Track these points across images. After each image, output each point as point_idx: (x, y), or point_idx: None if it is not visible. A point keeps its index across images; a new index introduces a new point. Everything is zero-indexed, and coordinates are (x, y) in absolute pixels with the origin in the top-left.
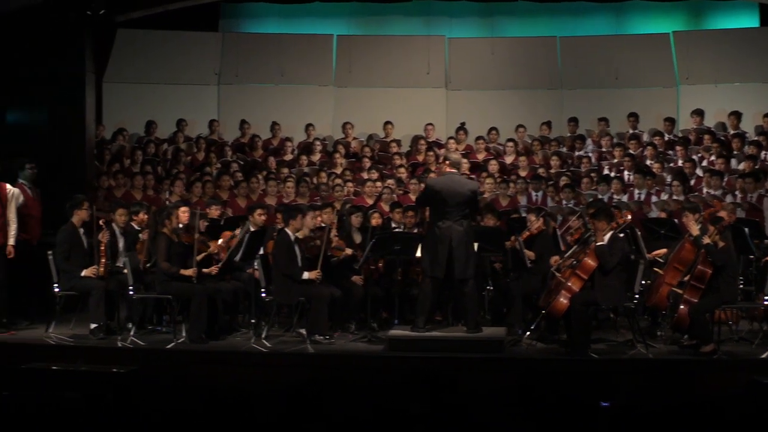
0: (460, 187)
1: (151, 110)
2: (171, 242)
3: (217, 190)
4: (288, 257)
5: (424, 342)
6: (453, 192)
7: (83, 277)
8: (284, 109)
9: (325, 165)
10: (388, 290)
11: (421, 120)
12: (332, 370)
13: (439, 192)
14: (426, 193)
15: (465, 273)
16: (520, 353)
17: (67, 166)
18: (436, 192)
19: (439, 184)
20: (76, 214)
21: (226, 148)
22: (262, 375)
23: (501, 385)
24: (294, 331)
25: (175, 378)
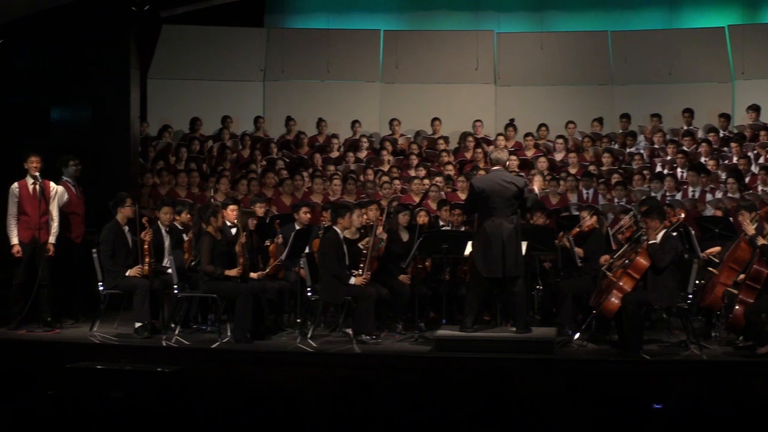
0: (506, 183)
1: (196, 107)
2: (215, 242)
3: (262, 187)
4: (336, 257)
5: (472, 342)
6: (498, 189)
7: (128, 276)
8: (330, 106)
9: (371, 162)
10: (436, 290)
11: (469, 116)
12: (379, 370)
13: (483, 191)
14: (471, 194)
15: (515, 270)
16: (571, 354)
17: (111, 164)
18: (481, 191)
19: (482, 183)
20: (120, 212)
21: (271, 145)
22: (308, 375)
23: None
24: (340, 330)
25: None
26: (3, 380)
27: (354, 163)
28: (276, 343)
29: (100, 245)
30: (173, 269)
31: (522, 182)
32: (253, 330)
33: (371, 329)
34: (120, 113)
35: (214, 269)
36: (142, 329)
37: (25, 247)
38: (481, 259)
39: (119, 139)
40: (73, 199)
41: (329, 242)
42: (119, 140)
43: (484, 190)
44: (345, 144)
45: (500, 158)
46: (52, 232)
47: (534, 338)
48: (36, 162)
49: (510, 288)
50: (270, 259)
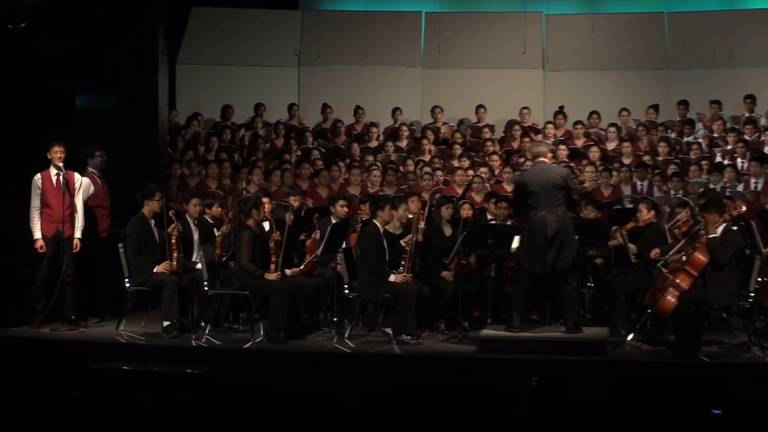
0: (548, 175)
1: (227, 94)
2: (255, 237)
3: (296, 179)
4: (375, 252)
5: (519, 343)
6: (540, 181)
7: (155, 272)
8: (369, 92)
9: (412, 152)
10: (481, 287)
11: (516, 103)
12: (420, 372)
13: (525, 185)
14: (516, 191)
15: (560, 266)
16: (624, 356)
17: (138, 154)
18: (523, 185)
19: (524, 177)
20: (147, 205)
21: (306, 134)
22: (345, 377)
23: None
24: (379, 330)
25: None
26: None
27: (394, 153)
28: (311, 344)
29: (126, 240)
30: (203, 265)
31: (566, 173)
32: (287, 329)
33: (412, 329)
34: (147, 101)
35: (255, 268)
36: (170, 328)
37: (48, 242)
38: (524, 255)
39: (146, 127)
40: (99, 191)
41: (368, 237)
42: (146, 129)
43: (527, 184)
44: (384, 133)
45: (540, 151)
46: (77, 226)
47: (585, 339)
48: (60, 152)
49: (559, 285)
50: (305, 254)
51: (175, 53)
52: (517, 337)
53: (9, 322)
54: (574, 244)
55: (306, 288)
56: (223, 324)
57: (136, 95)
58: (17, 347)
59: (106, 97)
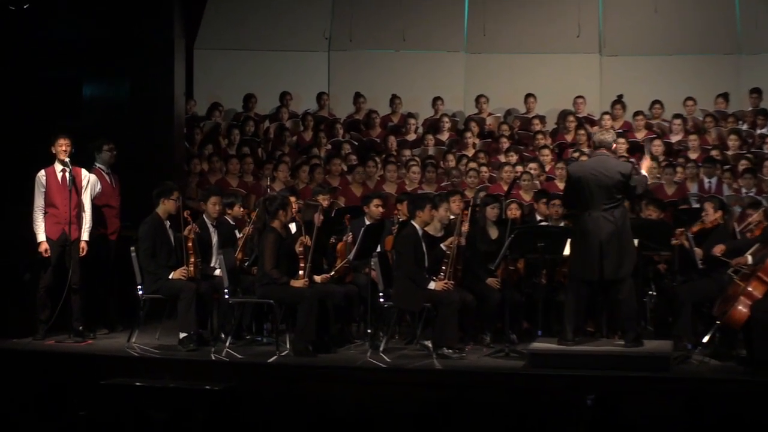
0: (607, 170)
1: (249, 82)
2: (281, 240)
3: (326, 176)
4: (414, 257)
5: (572, 357)
6: (597, 177)
7: (171, 279)
8: (406, 80)
9: (454, 146)
10: (530, 295)
11: (569, 92)
12: (463, 389)
13: (579, 179)
14: (567, 184)
15: (617, 272)
16: (690, 372)
17: (151, 148)
18: (577, 179)
19: (580, 169)
20: (163, 204)
21: (337, 126)
22: (380, 395)
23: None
24: (418, 343)
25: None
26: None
27: (434, 147)
28: (343, 357)
29: (138, 243)
30: (223, 271)
31: (628, 168)
32: (316, 342)
33: (454, 341)
34: (162, 89)
35: (280, 275)
36: (187, 340)
37: (53, 245)
38: (578, 260)
39: (161, 119)
40: (107, 189)
41: (406, 239)
42: (161, 121)
43: (581, 178)
44: (424, 125)
45: (605, 140)
46: (84, 228)
47: (646, 353)
48: (65, 145)
49: (614, 294)
50: (336, 259)
51: (193, 37)
52: (570, 351)
53: (10, 333)
54: (634, 249)
55: (337, 296)
56: (245, 336)
57: (149, 84)
58: (19, 361)
59: (116, 86)
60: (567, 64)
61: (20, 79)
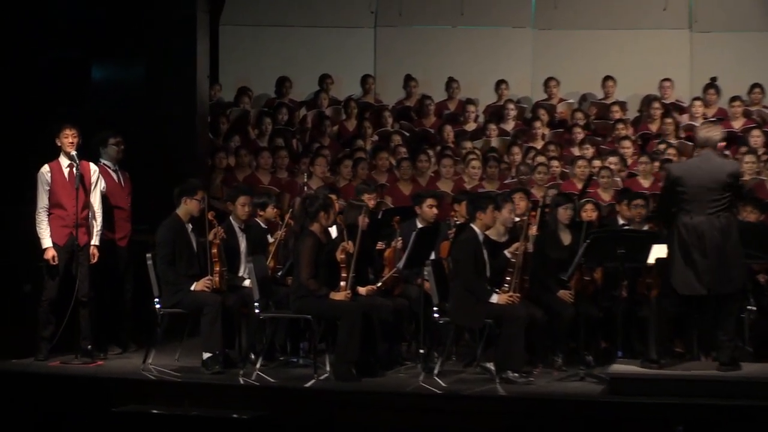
0: (714, 170)
1: (284, 63)
2: (320, 246)
3: (372, 171)
4: (473, 265)
5: (658, 382)
6: (703, 178)
7: (193, 291)
8: (465, 61)
9: (521, 136)
10: (609, 310)
11: (654, 74)
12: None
13: (679, 178)
14: (666, 184)
15: (727, 286)
16: None
17: (170, 140)
18: (676, 179)
19: (680, 168)
20: (186, 204)
21: (384, 114)
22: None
23: None
24: (478, 365)
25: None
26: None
27: (497, 138)
28: (391, 382)
29: (156, 249)
30: (253, 281)
31: (736, 169)
32: (360, 363)
33: (520, 363)
34: (182, 72)
35: (318, 287)
36: (211, 361)
37: (60, 252)
38: (676, 271)
39: (181, 106)
40: (114, 188)
41: (464, 245)
42: (181, 108)
43: (681, 177)
44: (485, 112)
45: (711, 138)
46: (94, 232)
47: (744, 377)
48: (72, 136)
49: (717, 310)
50: (384, 268)
51: (218, 12)
52: (655, 375)
53: (9, 353)
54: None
55: (384, 311)
56: (278, 357)
57: (167, 65)
58: (19, 385)
59: (130, 68)
60: (651, 42)
61: (19, 61)
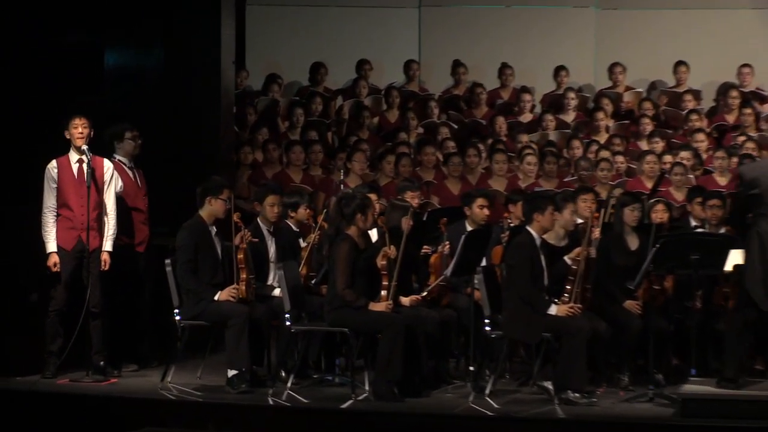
0: None
1: (318, 47)
2: (358, 252)
3: (417, 168)
4: (530, 273)
5: (735, 404)
6: None
7: (217, 301)
8: (520, 44)
9: (582, 129)
10: (681, 323)
11: (732, 58)
12: None
13: (755, 180)
14: (740, 190)
15: None
16: None
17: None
18: (751, 181)
19: (754, 170)
20: (210, 205)
21: (430, 104)
22: None
23: None
24: (535, 384)
25: None
26: None
27: (555, 131)
28: (438, 402)
29: (176, 254)
30: (283, 290)
31: None
32: (403, 382)
33: (582, 383)
34: (205, 57)
35: (356, 297)
36: (238, 379)
37: (66, 257)
38: (756, 282)
39: (203, 95)
40: (131, 188)
41: (520, 250)
42: (203, 97)
43: (757, 179)
44: (542, 102)
45: None
46: (107, 235)
47: None
48: (82, 127)
49: None
50: (430, 275)
51: None
52: (733, 396)
53: (12, 370)
54: None
55: (430, 324)
56: (311, 374)
57: (188, 50)
58: (24, 405)
59: (147, 53)
60: (729, 23)
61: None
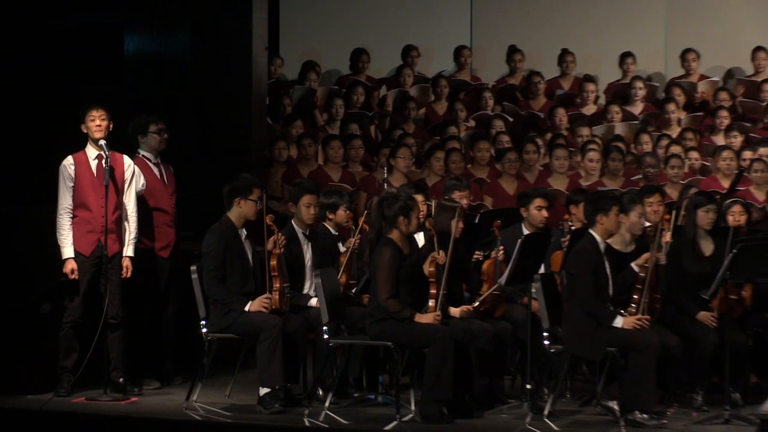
0: None
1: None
2: (402, 258)
3: (468, 165)
4: (593, 281)
5: None
6: None
7: (248, 312)
8: (582, 28)
9: (651, 122)
10: (760, 337)
11: None
12: None
13: None
14: None
15: None
16: None
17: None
18: None
19: None
20: (240, 207)
21: (484, 95)
22: None
23: None
24: (599, 404)
25: None
26: None
27: (622, 124)
28: (491, 424)
29: (203, 260)
30: (320, 300)
31: None
32: (453, 402)
33: (651, 402)
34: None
35: (400, 308)
36: (270, 398)
37: (84, 264)
38: None
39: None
40: (156, 187)
41: (582, 256)
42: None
43: None
44: (607, 92)
45: None
46: (128, 239)
47: None
48: (99, 118)
49: None
50: (482, 284)
51: None
52: None
53: (24, 388)
54: None
55: (482, 337)
56: (352, 393)
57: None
58: (36, 426)
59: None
60: None
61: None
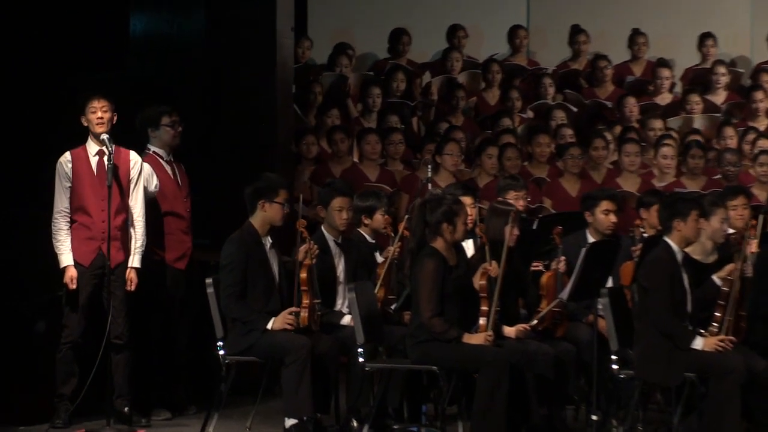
0: None
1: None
2: (447, 270)
3: (525, 163)
4: (669, 296)
5: None
6: None
7: (271, 330)
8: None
9: (736, 113)
10: None
11: None
12: None
13: None
14: None
15: None
16: None
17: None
18: None
19: None
20: (264, 211)
21: (544, 82)
22: None
23: None
24: None
25: None
26: None
27: (701, 115)
28: None
29: (221, 273)
30: (355, 318)
31: None
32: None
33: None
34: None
35: (446, 327)
36: (298, 430)
37: (83, 276)
38: None
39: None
40: (169, 187)
41: (656, 268)
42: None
43: None
44: (684, 79)
45: None
46: (134, 248)
47: None
48: (101, 110)
49: None
50: (542, 299)
51: None
52: None
53: (16, 418)
54: None
55: (541, 361)
56: (391, 424)
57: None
58: None
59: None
60: None
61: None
